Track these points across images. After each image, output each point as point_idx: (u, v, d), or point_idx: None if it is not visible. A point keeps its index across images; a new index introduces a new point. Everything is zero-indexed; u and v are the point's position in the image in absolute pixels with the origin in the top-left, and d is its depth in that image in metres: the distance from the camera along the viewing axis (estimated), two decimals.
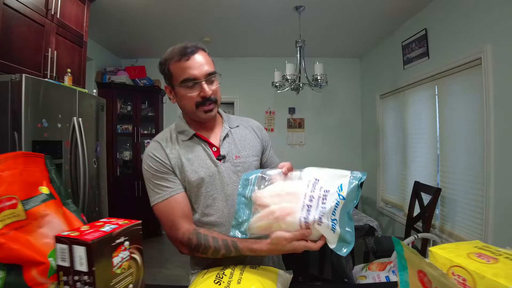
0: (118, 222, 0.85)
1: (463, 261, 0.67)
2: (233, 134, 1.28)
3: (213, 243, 1.06)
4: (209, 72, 1.14)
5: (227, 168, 1.20)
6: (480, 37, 2.65)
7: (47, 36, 2.53)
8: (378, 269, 1.44)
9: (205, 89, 1.13)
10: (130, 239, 0.83)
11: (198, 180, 1.17)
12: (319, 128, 5.44)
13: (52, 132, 2.21)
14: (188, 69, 1.11)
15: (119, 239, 0.80)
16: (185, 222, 1.14)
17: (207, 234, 1.09)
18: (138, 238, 0.87)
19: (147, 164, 1.18)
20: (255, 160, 1.27)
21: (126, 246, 0.82)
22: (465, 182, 2.86)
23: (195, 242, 1.08)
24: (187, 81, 1.12)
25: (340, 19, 3.87)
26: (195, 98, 1.14)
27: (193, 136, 1.22)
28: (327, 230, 0.89)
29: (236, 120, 1.35)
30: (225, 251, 1.05)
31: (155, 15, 3.74)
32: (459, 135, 2.96)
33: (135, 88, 4.94)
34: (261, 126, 1.40)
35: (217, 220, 1.17)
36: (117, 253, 0.79)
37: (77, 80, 2.87)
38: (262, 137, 1.35)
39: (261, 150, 1.32)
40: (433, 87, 3.34)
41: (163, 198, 1.15)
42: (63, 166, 2.31)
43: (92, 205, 2.67)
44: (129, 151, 4.85)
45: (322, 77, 3.19)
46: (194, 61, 1.12)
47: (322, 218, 0.88)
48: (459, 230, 2.94)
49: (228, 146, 1.23)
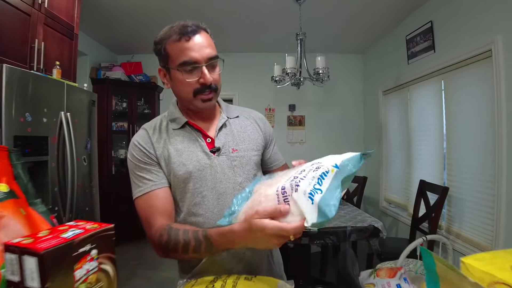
0: (86, 227, 0.72)
1: (507, 276, 0.53)
2: (231, 125, 1.14)
3: (183, 236, 0.90)
4: (211, 55, 1.01)
5: (221, 162, 1.06)
6: (490, 27, 2.51)
7: (33, 27, 2.39)
8: (388, 275, 1.30)
9: (205, 75, 0.99)
10: (99, 247, 0.70)
11: (185, 174, 1.03)
12: (320, 125, 5.31)
13: (37, 127, 2.07)
14: (188, 51, 0.97)
15: (83, 247, 0.66)
16: (162, 219, 1.00)
17: (179, 228, 0.94)
18: (110, 246, 0.74)
19: (131, 153, 1.07)
20: (255, 155, 1.13)
21: (93, 256, 0.68)
22: (474, 181, 2.73)
23: (165, 238, 0.93)
24: (186, 64, 0.98)
25: (342, 13, 3.74)
26: (193, 84, 1.00)
27: (185, 124, 1.09)
28: (304, 199, 0.69)
29: (236, 110, 1.21)
30: (195, 242, 0.87)
31: (151, 9, 3.62)
32: (467, 131, 2.82)
33: (131, 84, 4.80)
34: (264, 119, 1.26)
35: (205, 221, 1.03)
36: (81, 264, 0.65)
37: (67, 74, 2.74)
38: (265, 130, 1.21)
39: (264, 144, 1.19)
40: (440, 82, 3.21)
41: (143, 192, 1.03)
42: (49, 163, 2.17)
43: (82, 205, 2.54)
44: (124, 149, 4.72)
45: (324, 70, 3.04)
46: (195, 42, 0.98)
47: (301, 183, 0.71)
48: (467, 231, 2.80)
49: (225, 137, 1.10)
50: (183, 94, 1.04)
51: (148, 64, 5.08)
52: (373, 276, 1.45)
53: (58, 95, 2.32)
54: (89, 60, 4.50)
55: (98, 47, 4.77)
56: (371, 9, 3.61)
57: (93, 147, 2.81)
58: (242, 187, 1.05)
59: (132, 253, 4.17)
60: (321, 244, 2.74)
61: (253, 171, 1.11)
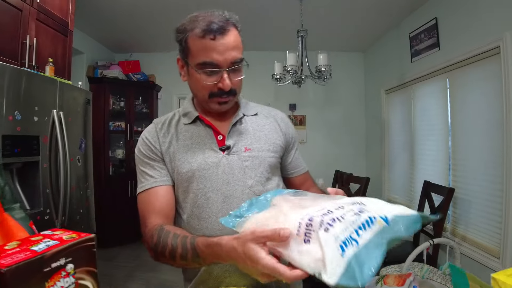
0: (62, 237, 0.63)
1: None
2: (247, 122, 1.04)
3: (172, 240, 0.81)
4: (235, 59, 0.90)
5: (231, 161, 0.97)
6: (498, 24, 2.42)
7: (25, 22, 2.31)
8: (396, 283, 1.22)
9: (225, 81, 0.90)
10: (76, 260, 0.61)
11: (188, 172, 0.95)
12: (321, 125, 5.23)
13: (27, 126, 1.99)
14: (210, 52, 0.87)
15: (56, 261, 0.57)
16: (157, 219, 0.92)
17: (170, 231, 0.85)
18: (90, 258, 0.65)
19: (137, 147, 1.02)
20: (271, 157, 1.02)
21: (69, 271, 0.60)
22: (480, 181, 2.64)
23: (155, 240, 0.85)
24: (206, 65, 0.89)
25: (343, 10, 3.66)
26: (211, 87, 0.92)
27: (196, 119, 1.01)
28: (334, 245, 0.53)
29: (256, 108, 1.11)
30: (181, 250, 0.78)
31: (149, 7, 3.55)
32: (473, 131, 2.73)
33: (129, 83, 4.71)
34: (287, 119, 1.15)
35: (209, 227, 0.94)
36: (54, 281, 0.57)
37: (61, 71, 2.66)
38: (287, 132, 1.10)
39: (284, 147, 1.08)
40: (444, 80, 3.12)
41: (144, 188, 0.97)
42: (40, 164, 2.09)
43: (76, 207, 2.45)
44: (122, 149, 4.63)
45: (326, 68, 2.96)
46: (220, 43, 0.87)
47: (335, 224, 0.56)
48: (473, 234, 2.72)
49: (238, 135, 1.01)
50: (198, 94, 0.97)
51: (146, 62, 5.01)
52: (381, 284, 1.36)
53: (50, 93, 2.23)
54: (86, 58, 4.41)
55: (96, 45, 4.69)
56: (373, 6, 3.53)
57: (88, 147, 2.72)
58: (253, 191, 0.96)
59: (130, 255, 4.09)
60: None
61: (266, 174, 1.01)
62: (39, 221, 2.03)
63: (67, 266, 0.59)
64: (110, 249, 4.19)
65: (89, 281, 0.64)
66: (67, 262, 0.59)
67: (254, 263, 0.59)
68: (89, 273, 0.64)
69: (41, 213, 2.07)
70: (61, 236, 0.64)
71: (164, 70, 5.09)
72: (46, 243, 0.60)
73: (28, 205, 2.05)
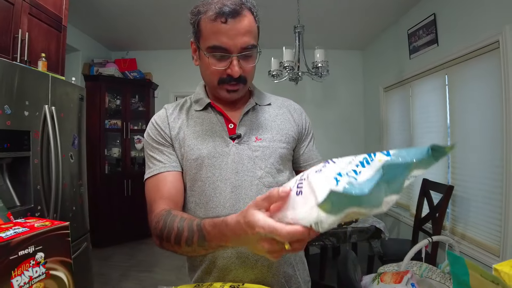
0: (34, 225, 0.59)
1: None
2: (259, 112, 1.02)
3: (178, 223, 0.76)
4: (247, 45, 0.86)
5: (241, 151, 0.94)
6: (497, 17, 2.39)
7: (17, 16, 2.26)
8: (394, 281, 1.18)
9: (234, 67, 0.86)
10: (47, 249, 0.57)
11: (197, 159, 0.92)
12: (319, 124, 5.16)
13: (17, 120, 1.94)
14: (220, 35, 0.84)
15: (24, 249, 0.53)
16: (164, 205, 0.87)
17: (177, 215, 0.80)
18: (63, 248, 0.61)
19: (147, 132, 1.01)
20: (282, 148, 0.98)
21: (39, 260, 0.56)
22: (480, 179, 2.60)
23: (161, 225, 0.79)
24: (215, 49, 0.86)
25: (341, 7, 3.63)
26: (220, 72, 0.89)
27: (207, 106, 0.98)
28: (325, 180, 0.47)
29: (269, 98, 1.08)
30: (187, 233, 0.73)
31: (146, 5, 3.52)
32: (472, 128, 2.69)
33: (125, 81, 4.67)
34: (301, 109, 1.12)
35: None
36: (21, 270, 0.53)
37: (54, 67, 2.62)
38: (300, 123, 1.07)
39: (296, 138, 1.04)
40: (443, 76, 3.08)
41: (152, 173, 0.94)
42: (31, 159, 2.04)
43: (68, 204, 2.41)
44: (118, 148, 4.58)
45: (323, 64, 2.92)
46: (231, 27, 0.84)
47: (328, 166, 0.50)
48: (472, 232, 2.68)
49: (249, 124, 0.98)
50: (207, 79, 0.95)
51: (143, 60, 4.97)
52: (377, 282, 1.32)
53: (42, 88, 2.19)
54: (81, 56, 4.37)
55: (92, 42, 4.65)
56: (371, 3, 3.50)
57: (81, 144, 2.68)
58: (262, 182, 0.93)
59: (125, 254, 4.05)
60: (320, 246, 2.62)
61: (277, 166, 0.97)
62: None
63: (36, 254, 0.55)
64: (105, 248, 4.15)
65: (62, 272, 0.60)
66: (36, 251, 0.55)
67: (253, 229, 0.54)
68: (62, 264, 0.60)
69: (32, 210, 2.03)
70: (33, 224, 0.60)
71: (161, 68, 5.06)
72: (15, 230, 0.56)
73: (19, 201, 2.00)
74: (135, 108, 4.79)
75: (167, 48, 4.92)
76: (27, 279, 0.54)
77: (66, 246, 0.62)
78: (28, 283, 0.54)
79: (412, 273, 1.19)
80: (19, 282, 0.52)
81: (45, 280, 0.57)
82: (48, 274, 0.57)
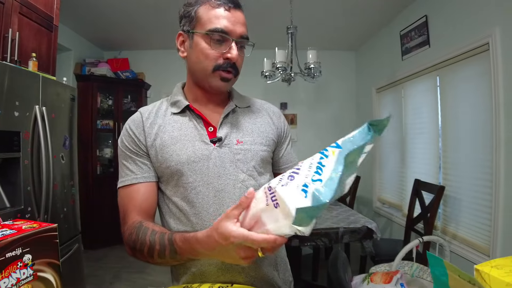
0: (22, 227, 0.59)
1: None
2: (239, 114, 1.01)
3: (150, 236, 0.80)
4: (244, 34, 0.92)
5: (222, 154, 0.93)
6: (487, 19, 2.42)
7: (7, 15, 2.24)
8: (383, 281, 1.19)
9: (233, 49, 0.89)
10: (35, 251, 0.57)
11: (177, 165, 0.90)
12: (312, 124, 5.20)
13: (7, 121, 1.91)
14: (224, 19, 0.88)
15: (11, 251, 0.53)
16: (137, 215, 0.88)
17: (149, 227, 0.83)
18: (51, 250, 0.61)
19: (121, 138, 0.97)
20: (263, 150, 0.98)
21: (26, 262, 0.55)
22: (470, 179, 2.63)
23: (134, 237, 0.83)
24: (217, 31, 0.88)
25: (333, 8, 3.64)
26: (217, 57, 0.90)
27: (185, 109, 0.96)
28: (295, 192, 0.53)
29: (249, 100, 1.08)
30: (159, 246, 0.77)
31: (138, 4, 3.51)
32: (463, 129, 2.72)
33: (117, 81, 4.64)
34: (280, 113, 1.12)
35: (199, 222, 0.90)
36: (8, 272, 0.52)
37: (45, 67, 2.59)
38: (279, 126, 1.07)
39: (276, 140, 1.04)
40: (435, 78, 3.11)
41: (124, 183, 0.92)
42: (21, 160, 2.02)
43: (59, 205, 2.39)
44: (110, 149, 4.56)
45: (315, 65, 2.93)
46: (234, 15, 0.91)
47: (295, 177, 0.56)
48: (463, 232, 2.71)
49: (230, 127, 0.96)
50: (200, 66, 0.92)
51: (136, 60, 4.94)
52: (367, 282, 1.33)
53: (32, 88, 2.16)
54: (73, 55, 4.34)
55: (84, 42, 4.61)
56: (363, 4, 3.52)
57: (73, 144, 2.65)
58: (245, 185, 0.93)
59: (117, 256, 4.02)
60: (313, 246, 2.63)
61: (258, 168, 0.97)
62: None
63: (24, 256, 0.55)
64: (97, 250, 4.12)
65: (50, 274, 0.60)
66: (24, 253, 0.55)
67: (227, 240, 0.59)
68: (50, 265, 0.60)
69: (22, 211, 2.00)
70: (20, 226, 0.60)
71: (154, 68, 5.04)
72: (3, 232, 0.55)
73: (9, 202, 1.98)
74: (127, 108, 4.76)
75: (160, 48, 4.89)
76: (15, 281, 0.53)
77: (54, 248, 0.61)
78: (16, 285, 0.53)
79: (402, 273, 1.20)
80: (6, 284, 0.52)
81: (32, 282, 0.56)
82: (35, 276, 0.57)
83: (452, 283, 0.44)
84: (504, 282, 0.43)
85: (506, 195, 2.26)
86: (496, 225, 2.32)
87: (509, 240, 2.25)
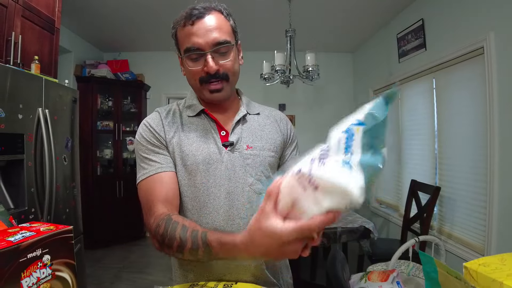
0: (40, 229, 0.63)
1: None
2: (250, 121, 1.05)
3: (180, 232, 0.76)
4: (218, 41, 0.90)
5: (233, 158, 0.96)
6: (482, 24, 2.47)
7: (10, 19, 2.27)
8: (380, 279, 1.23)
9: (208, 63, 0.90)
10: (53, 252, 0.61)
11: (193, 165, 0.94)
12: (310, 126, 5.24)
13: (11, 123, 1.95)
14: (191, 36, 0.90)
15: (33, 252, 0.57)
16: (163, 207, 0.87)
17: (179, 221, 0.79)
18: (67, 250, 0.65)
19: (139, 134, 0.98)
20: (270, 156, 1.02)
21: (45, 262, 0.59)
22: (466, 180, 2.68)
23: (162, 231, 0.79)
24: (189, 51, 0.91)
25: (331, 11, 3.69)
26: (199, 72, 0.93)
27: (200, 112, 1.00)
28: (338, 170, 0.52)
29: (258, 108, 1.12)
30: (191, 245, 0.73)
31: (138, 6, 3.53)
32: (459, 130, 2.77)
33: (117, 82, 4.67)
34: (286, 119, 1.15)
35: (209, 222, 0.93)
36: (30, 271, 0.56)
37: (47, 69, 2.62)
38: (285, 132, 1.11)
39: (282, 146, 1.08)
40: (431, 80, 3.16)
41: (148, 174, 0.93)
42: (25, 162, 2.05)
43: (62, 206, 2.42)
44: (110, 149, 4.58)
45: (313, 67, 2.97)
46: (200, 26, 0.90)
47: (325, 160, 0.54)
48: (459, 231, 2.76)
49: (241, 132, 1.00)
50: (191, 83, 0.98)
51: (135, 61, 4.98)
52: (365, 280, 1.38)
53: (35, 91, 2.20)
54: (73, 57, 4.37)
55: (84, 44, 4.64)
56: (361, 7, 3.56)
57: (74, 146, 2.69)
58: (253, 189, 0.97)
59: (117, 256, 4.05)
60: None
61: (266, 173, 1.01)
62: (24, 220, 2.00)
63: (43, 257, 0.59)
64: (98, 250, 4.15)
65: (67, 273, 0.64)
66: (43, 253, 0.59)
67: (278, 237, 0.56)
68: (67, 265, 0.64)
69: (26, 212, 2.04)
70: (38, 228, 0.64)
71: (153, 69, 5.07)
72: (23, 234, 0.59)
73: (13, 204, 2.01)
74: (127, 109, 4.80)
75: (159, 49, 4.93)
76: (35, 280, 0.57)
77: (70, 249, 0.65)
78: (36, 284, 0.57)
79: (398, 272, 1.25)
80: (28, 283, 0.56)
81: (51, 281, 0.60)
82: (54, 275, 0.61)
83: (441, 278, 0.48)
84: (490, 279, 0.47)
85: (500, 195, 2.31)
86: (491, 225, 2.37)
87: (503, 239, 2.29)
